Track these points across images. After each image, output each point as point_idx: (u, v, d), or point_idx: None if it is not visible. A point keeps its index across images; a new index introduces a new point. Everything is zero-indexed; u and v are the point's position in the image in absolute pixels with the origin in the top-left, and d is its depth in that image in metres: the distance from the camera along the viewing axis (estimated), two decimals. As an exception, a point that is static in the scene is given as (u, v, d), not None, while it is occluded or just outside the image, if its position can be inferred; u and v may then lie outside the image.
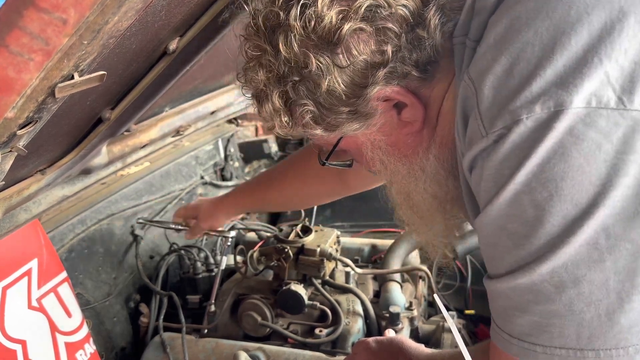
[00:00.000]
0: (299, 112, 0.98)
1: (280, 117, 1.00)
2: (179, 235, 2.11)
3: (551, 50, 0.76)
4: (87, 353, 1.56)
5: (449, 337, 1.76)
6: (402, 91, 0.96)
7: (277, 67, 0.95)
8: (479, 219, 0.87)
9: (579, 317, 0.79)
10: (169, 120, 1.75)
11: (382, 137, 1.03)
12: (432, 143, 1.03)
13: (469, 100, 0.85)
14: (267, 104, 1.00)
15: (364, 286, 1.92)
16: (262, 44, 0.96)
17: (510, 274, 0.83)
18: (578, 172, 0.74)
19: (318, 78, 0.93)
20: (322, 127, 1.00)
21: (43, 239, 1.49)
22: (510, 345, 0.87)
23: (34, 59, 0.56)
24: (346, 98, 0.94)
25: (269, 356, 1.61)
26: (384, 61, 0.91)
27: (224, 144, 2.81)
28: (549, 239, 0.77)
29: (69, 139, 1.27)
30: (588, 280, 0.77)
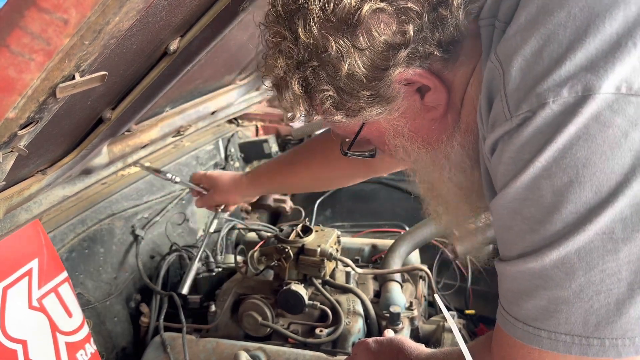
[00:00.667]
0: (319, 98, 0.96)
1: (300, 105, 0.98)
2: (180, 235, 2.11)
3: (584, 33, 0.75)
4: (88, 353, 1.56)
5: (450, 337, 1.76)
6: (424, 73, 0.94)
7: (296, 52, 0.94)
8: (494, 201, 0.86)
9: (587, 304, 0.78)
10: (170, 120, 1.75)
11: (405, 122, 1.01)
12: (456, 130, 1.01)
13: (495, 82, 0.84)
14: (287, 92, 0.98)
15: (365, 286, 1.92)
16: (281, 30, 0.95)
17: (522, 258, 0.82)
18: (601, 159, 0.73)
19: (338, 62, 0.91)
20: (343, 113, 0.98)
21: (44, 239, 1.49)
22: (515, 328, 0.87)
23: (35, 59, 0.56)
24: (367, 81, 0.93)
25: (270, 356, 1.61)
26: (405, 42, 0.89)
27: (224, 144, 2.81)
28: (564, 226, 0.77)
29: (70, 139, 1.27)
30: (600, 269, 0.76)
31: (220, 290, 1.89)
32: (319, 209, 2.73)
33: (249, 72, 2.10)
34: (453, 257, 2.20)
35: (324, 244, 1.75)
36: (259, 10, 1.06)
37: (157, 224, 2.15)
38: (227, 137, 2.84)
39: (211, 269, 2.01)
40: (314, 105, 0.99)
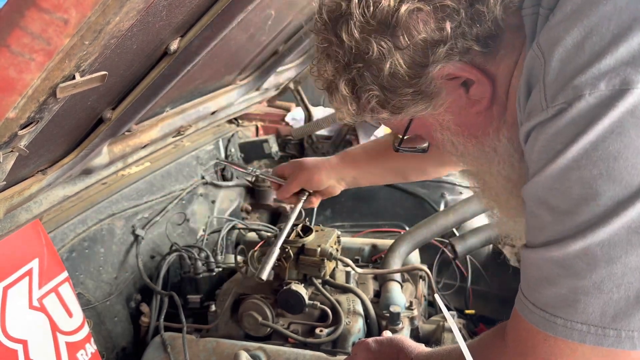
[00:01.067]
0: (365, 98, 1.00)
1: (348, 105, 1.02)
2: (180, 235, 2.11)
3: (628, 28, 0.75)
4: (88, 353, 1.56)
5: (450, 337, 1.76)
6: (466, 67, 0.95)
7: (342, 56, 0.98)
8: (524, 188, 0.88)
9: (606, 296, 0.79)
10: (170, 120, 1.75)
11: (450, 117, 1.03)
12: (502, 123, 1.02)
13: (536, 71, 0.85)
14: (337, 94, 1.03)
15: (365, 286, 1.92)
16: (327, 36, 1.00)
17: (546, 246, 0.84)
18: (633, 153, 0.73)
19: (380, 62, 0.94)
20: (388, 111, 1.01)
21: (44, 239, 1.49)
22: (532, 314, 0.88)
23: (35, 59, 0.56)
24: (409, 79, 0.96)
25: (270, 356, 1.62)
26: (443, 38, 0.92)
27: (224, 144, 2.81)
28: (590, 217, 0.77)
29: (70, 139, 1.27)
30: (622, 262, 0.77)
31: (220, 290, 1.89)
32: (319, 209, 2.73)
33: (249, 72, 2.10)
34: (453, 257, 2.20)
35: (324, 244, 1.75)
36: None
37: (157, 224, 2.16)
38: (227, 137, 2.85)
39: (211, 269, 2.01)
40: (361, 105, 1.03)
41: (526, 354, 0.92)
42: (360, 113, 1.04)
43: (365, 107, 1.02)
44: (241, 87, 2.11)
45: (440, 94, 0.98)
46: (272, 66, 2.14)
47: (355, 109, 1.03)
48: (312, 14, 1.06)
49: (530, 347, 0.91)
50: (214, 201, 2.58)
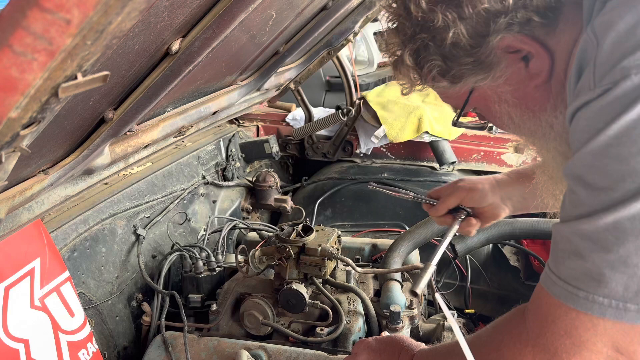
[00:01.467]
0: (427, 67, 1.05)
1: (411, 75, 1.09)
2: (181, 234, 2.11)
3: None
4: (90, 352, 1.57)
5: (450, 336, 1.77)
6: (526, 39, 0.98)
7: (408, 27, 1.04)
8: (565, 166, 0.91)
9: (631, 271, 0.80)
10: (171, 121, 1.76)
11: (508, 89, 1.05)
12: (560, 101, 1.04)
13: (588, 53, 0.87)
14: (402, 67, 1.09)
15: (365, 285, 1.93)
16: (397, 10, 1.06)
17: (577, 220, 0.86)
18: None
19: (444, 32, 0.99)
20: (448, 80, 1.06)
21: (45, 239, 1.50)
22: (555, 285, 0.90)
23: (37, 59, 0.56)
24: (470, 48, 1.00)
25: (271, 355, 1.62)
26: (504, 8, 0.95)
27: (225, 144, 2.82)
28: (624, 193, 0.79)
29: (72, 139, 1.27)
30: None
31: (221, 290, 1.90)
32: (319, 209, 2.73)
33: (250, 72, 2.10)
34: (452, 256, 2.20)
35: (324, 244, 1.75)
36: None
37: (158, 223, 2.16)
38: (228, 137, 2.85)
39: (212, 268, 2.01)
40: (423, 74, 1.08)
41: (546, 329, 0.92)
42: (422, 82, 1.10)
43: (427, 76, 1.07)
44: (242, 87, 2.11)
45: (500, 65, 1.02)
46: (272, 67, 2.14)
47: (418, 78, 1.09)
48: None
49: (550, 321, 0.92)
50: (215, 201, 2.59)
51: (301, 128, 3.03)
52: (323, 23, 1.98)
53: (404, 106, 2.79)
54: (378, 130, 2.81)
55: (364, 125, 2.92)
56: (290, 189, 3.03)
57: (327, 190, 2.79)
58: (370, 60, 5.33)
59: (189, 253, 2.04)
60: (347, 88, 2.89)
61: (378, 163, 2.97)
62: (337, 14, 2.01)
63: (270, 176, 2.71)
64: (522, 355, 0.97)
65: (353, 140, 3.01)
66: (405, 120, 2.73)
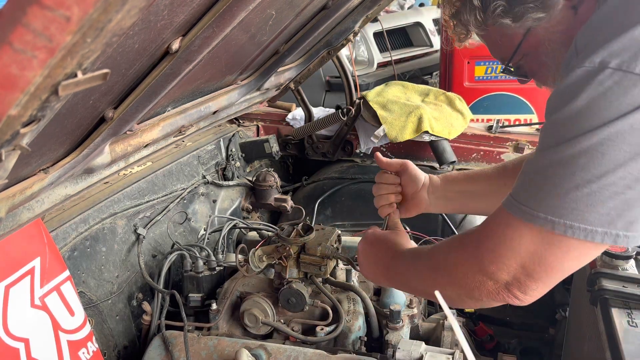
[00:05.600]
0: (492, 7, 1.19)
1: (476, 14, 1.22)
2: (181, 234, 2.11)
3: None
4: (90, 351, 1.57)
5: (449, 335, 1.77)
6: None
7: None
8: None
9: (559, 192, 0.99)
10: (171, 120, 1.76)
11: (560, 28, 1.20)
12: None
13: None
14: (466, 11, 1.23)
15: (365, 284, 1.93)
16: None
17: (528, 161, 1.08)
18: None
19: None
20: (510, 18, 1.19)
21: (46, 238, 1.50)
22: (507, 201, 1.08)
23: (37, 56, 0.56)
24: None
25: (271, 354, 1.62)
26: None
27: (225, 144, 2.82)
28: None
29: (72, 138, 1.28)
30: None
31: (221, 289, 1.90)
32: (319, 208, 2.73)
33: (250, 72, 2.11)
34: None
35: (324, 243, 1.75)
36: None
37: (158, 223, 2.16)
38: (229, 137, 2.85)
39: (212, 268, 2.01)
40: (487, 13, 1.21)
41: (486, 228, 1.12)
42: (486, 21, 1.22)
43: (490, 16, 1.20)
44: (242, 87, 2.11)
45: (557, 7, 1.16)
46: (272, 66, 2.15)
47: (482, 17, 1.21)
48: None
49: (492, 222, 1.11)
50: (215, 200, 2.59)
51: (301, 128, 3.03)
52: (323, 23, 1.98)
53: (404, 106, 2.78)
54: (378, 130, 2.80)
55: (364, 125, 2.92)
56: (290, 188, 3.03)
57: (327, 189, 2.79)
58: (370, 60, 5.33)
59: (189, 252, 2.04)
60: (347, 88, 2.89)
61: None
62: (337, 14, 2.01)
63: (271, 176, 2.71)
64: (460, 252, 1.17)
65: (353, 140, 3.01)
66: (405, 120, 2.73)
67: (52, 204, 1.49)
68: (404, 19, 5.79)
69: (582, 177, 0.96)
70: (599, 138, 0.95)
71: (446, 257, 1.22)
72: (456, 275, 1.16)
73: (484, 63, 4.31)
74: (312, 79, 2.90)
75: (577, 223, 0.97)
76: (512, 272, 1.06)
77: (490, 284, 1.09)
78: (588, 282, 1.61)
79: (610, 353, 1.37)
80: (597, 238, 0.97)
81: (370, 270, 1.50)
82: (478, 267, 1.10)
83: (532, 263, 1.04)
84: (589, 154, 0.95)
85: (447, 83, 4.44)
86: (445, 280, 1.20)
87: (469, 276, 1.12)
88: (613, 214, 0.96)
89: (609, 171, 0.95)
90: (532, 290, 1.07)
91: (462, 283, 1.14)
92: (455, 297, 1.20)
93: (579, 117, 0.97)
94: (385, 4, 2.51)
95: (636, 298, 1.49)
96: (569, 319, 2.10)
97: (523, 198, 1.04)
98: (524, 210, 1.03)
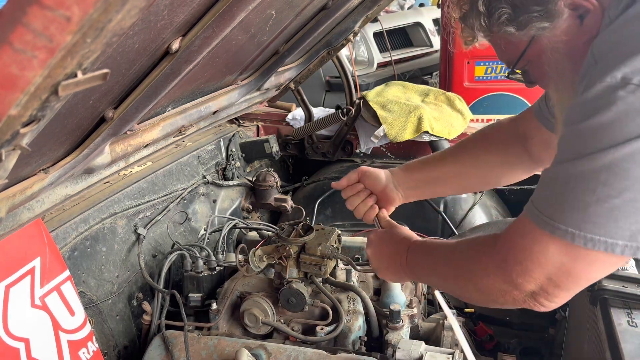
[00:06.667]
0: (497, 14, 1.19)
1: (481, 21, 1.22)
2: (181, 234, 2.11)
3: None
4: (90, 351, 1.57)
5: (449, 335, 1.77)
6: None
7: None
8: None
9: (583, 205, 1.00)
10: (172, 120, 1.76)
11: (563, 38, 1.19)
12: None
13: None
14: (472, 16, 1.23)
15: (365, 284, 1.93)
16: None
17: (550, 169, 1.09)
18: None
19: None
20: (514, 26, 1.19)
21: (46, 238, 1.50)
22: (530, 211, 1.09)
23: (37, 56, 0.56)
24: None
25: (271, 354, 1.62)
26: None
27: (225, 144, 2.82)
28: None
29: (72, 138, 1.28)
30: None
31: (221, 289, 1.90)
32: (319, 208, 2.73)
33: (250, 72, 2.11)
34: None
35: (324, 243, 1.75)
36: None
37: (159, 223, 2.16)
38: (229, 137, 2.85)
39: (212, 268, 2.01)
40: (492, 20, 1.21)
41: (511, 240, 1.12)
42: (490, 27, 1.22)
43: (495, 23, 1.20)
44: (242, 87, 2.12)
45: (562, 16, 1.15)
46: (272, 66, 2.15)
47: (487, 23, 1.22)
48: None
49: (517, 234, 1.11)
50: (215, 200, 2.59)
51: (301, 128, 3.04)
52: (323, 23, 1.98)
53: (404, 106, 2.79)
54: (378, 130, 2.81)
55: (364, 125, 2.92)
56: (290, 188, 3.04)
57: (327, 189, 2.79)
58: (370, 60, 5.33)
59: (190, 252, 2.04)
60: (347, 88, 2.89)
61: (378, 163, 2.97)
62: (337, 14, 2.01)
63: (271, 176, 2.71)
64: (485, 261, 1.17)
65: (353, 140, 3.01)
66: (405, 120, 2.73)
67: (52, 203, 1.49)
68: (404, 19, 5.79)
69: (604, 192, 0.98)
70: (621, 154, 0.96)
71: (470, 265, 1.24)
72: (482, 284, 1.18)
73: (484, 63, 4.31)
74: (312, 79, 2.90)
75: (598, 236, 0.99)
76: (539, 283, 1.08)
77: (517, 293, 1.12)
78: (588, 282, 1.61)
79: (610, 353, 1.37)
80: (617, 250, 0.99)
81: (389, 272, 1.53)
82: (505, 279, 1.12)
83: (559, 275, 1.06)
84: (610, 170, 0.97)
85: (447, 83, 4.44)
86: (471, 286, 1.23)
87: (496, 285, 1.14)
88: (634, 229, 0.98)
89: (630, 187, 0.96)
90: (558, 298, 1.10)
91: (487, 291, 1.17)
92: (477, 299, 1.26)
93: (601, 132, 0.98)
94: (385, 4, 2.51)
95: (636, 298, 1.49)
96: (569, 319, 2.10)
97: (544, 209, 1.06)
98: (546, 221, 1.04)
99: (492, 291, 1.16)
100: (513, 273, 1.10)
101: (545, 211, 1.06)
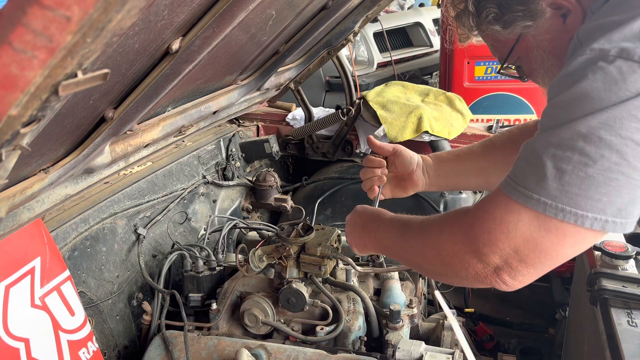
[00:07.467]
0: (484, 13, 1.26)
1: (471, 20, 1.29)
2: (181, 234, 2.11)
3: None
4: (90, 351, 1.57)
5: (449, 335, 1.77)
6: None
7: None
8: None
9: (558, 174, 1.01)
10: (172, 120, 1.76)
11: (547, 37, 1.26)
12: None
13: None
14: (464, 15, 1.30)
15: (365, 284, 1.93)
16: None
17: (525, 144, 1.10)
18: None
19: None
20: (501, 24, 1.26)
21: (46, 238, 1.50)
22: (505, 183, 1.08)
23: (37, 56, 0.56)
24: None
25: (271, 354, 1.62)
26: None
27: (225, 144, 2.82)
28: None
29: (72, 138, 1.28)
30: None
31: (221, 289, 1.90)
32: (319, 208, 2.73)
33: (250, 72, 2.11)
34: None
35: (324, 243, 1.75)
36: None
37: (159, 223, 2.17)
38: (229, 137, 2.85)
39: (212, 268, 2.02)
40: (480, 19, 1.28)
41: (483, 209, 1.11)
42: (479, 26, 1.30)
43: (483, 21, 1.27)
44: (242, 87, 2.12)
45: (544, 15, 1.21)
46: (272, 66, 2.15)
47: (477, 22, 1.29)
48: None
49: (489, 203, 1.10)
50: (215, 200, 2.59)
51: (301, 128, 3.04)
52: (323, 23, 1.98)
53: (404, 106, 2.79)
54: (378, 129, 2.80)
55: (364, 124, 2.92)
56: (290, 188, 3.04)
57: (327, 189, 2.79)
58: (370, 60, 5.33)
59: (190, 252, 2.04)
60: (347, 88, 2.89)
61: (378, 163, 2.96)
62: (337, 14, 2.01)
63: (271, 176, 2.71)
64: (454, 229, 1.16)
65: (353, 140, 3.01)
66: (405, 120, 2.73)
67: (52, 203, 1.49)
68: (404, 19, 5.79)
69: (580, 160, 0.98)
70: (597, 122, 0.97)
71: (438, 234, 1.22)
72: (446, 253, 1.16)
73: (484, 63, 4.31)
74: (312, 79, 2.90)
75: (569, 207, 0.99)
76: (505, 256, 1.06)
77: (480, 266, 1.09)
78: (588, 282, 1.61)
79: (610, 353, 1.38)
80: (587, 223, 0.99)
81: (356, 238, 1.52)
82: (470, 248, 1.10)
83: (526, 247, 1.04)
84: (587, 138, 0.97)
85: (447, 83, 4.44)
86: (433, 255, 1.21)
87: (460, 256, 1.12)
88: (605, 200, 0.98)
89: (606, 156, 0.97)
90: (522, 275, 1.07)
91: (450, 262, 1.14)
92: (440, 272, 1.24)
93: (579, 101, 1.00)
94: (385, 4, 2.51)
95: (636, 298, 1.49)
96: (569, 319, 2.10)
97: (520, 179, 1.05)
98: (520, 191, 1.04)
99: (455, 261, 1.13)
100: (480, 241, 1.08)
101: (521, 182, 1.05)
